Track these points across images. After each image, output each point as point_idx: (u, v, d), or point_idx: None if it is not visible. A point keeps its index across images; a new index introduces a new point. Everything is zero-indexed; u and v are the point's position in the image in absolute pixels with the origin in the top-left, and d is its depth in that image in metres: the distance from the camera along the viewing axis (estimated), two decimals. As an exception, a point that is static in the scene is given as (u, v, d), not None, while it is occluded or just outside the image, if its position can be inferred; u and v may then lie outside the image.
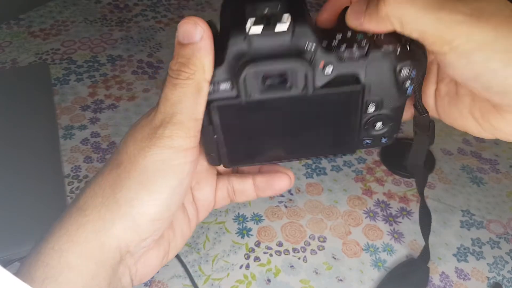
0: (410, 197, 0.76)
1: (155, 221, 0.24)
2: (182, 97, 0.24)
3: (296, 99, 0.26)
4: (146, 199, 0.23)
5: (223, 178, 0.31)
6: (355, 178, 0.79)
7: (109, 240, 0.23)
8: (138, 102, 0.94)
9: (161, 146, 0.24)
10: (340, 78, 0.26)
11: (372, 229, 0.71)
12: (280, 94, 0.26)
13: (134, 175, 0.24)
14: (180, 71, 0.24)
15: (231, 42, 0.25)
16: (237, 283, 0.63)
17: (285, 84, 0.26)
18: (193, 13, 1.25)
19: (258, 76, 0.25)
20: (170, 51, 1.09)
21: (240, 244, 0.68)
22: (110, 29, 1.17)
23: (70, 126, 0.87)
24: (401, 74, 0.25)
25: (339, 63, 0.25)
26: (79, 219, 0.23)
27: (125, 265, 0.24)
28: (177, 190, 0.24)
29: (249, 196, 0.31)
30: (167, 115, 0.24)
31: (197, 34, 0.24)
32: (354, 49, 0.25)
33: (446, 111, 0.27)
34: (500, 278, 0.64)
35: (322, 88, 0.26)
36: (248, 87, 0.25)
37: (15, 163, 0.78)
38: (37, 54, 1.06)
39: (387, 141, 0.28)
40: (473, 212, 0.74)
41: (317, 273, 0.64)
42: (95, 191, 0.24)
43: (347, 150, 0.29)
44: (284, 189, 0.30)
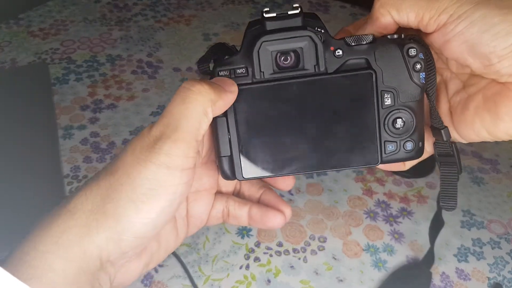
0: (410, 197, 0.76)
1: (139, 238, 0.24)
2: (188, 113, 0.24)
3: (310, 84, 0.26)
4: (133, 217, 0.23)
5: (221, 198, 0.31)
6: (356, 178, 0.79)
7: (91, 248, 0.23)
8: (137, 102, 0.94)
9: (158, 164, 0.23)
10: (352, 65, 0.26)
11: (373, 229, 0.71)
12: (292, 73, 0.26)
13: (126, 189, 0.23)
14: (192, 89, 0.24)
15: (248, 29, 0.26)
16: (237, 283, 0.63)
17: (298, 64, 0.26)
18: (192, 12, 1.24)
19: (271, 53, 0.26)
20: (169, 50, 1.09)
21: (240, 244, 0.68)
22: (110, 28, 1.17)
23: (69, 126, 0.87)
24: (409, 54, 0.26)
25: (348, 47, 0.26)
26: (66, 222, 0.23)
27: (105, 272, 0.24)
28: (166, 210, 0.24)
29: (241, 223, 0.31)
30: (168, 128, 0.24)
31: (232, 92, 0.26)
32: (361, 37, 0.26)
33: (461, 120, 0.27)
34: (501, 278, 0.64)
35: (335, 73, 0.26)
36: (262, 64, 0.26)
37: (15, 162, 0.78)
38: (36, 53, 1.06)
39: (413, 148, 0.27)
40: (473, 212, 0.74)
41: (317, 274, 0.64)
42: (86, 196, 0.24)
43: (370, 159, 0.28)
44: (276, 227, 0.30)
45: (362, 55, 0.26)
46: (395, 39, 0.26)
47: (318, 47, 0.26)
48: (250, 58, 0.26)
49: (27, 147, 0.82)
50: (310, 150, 0.28)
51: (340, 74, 0.26)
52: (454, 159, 0.28)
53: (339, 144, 0.27)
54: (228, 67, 0.27)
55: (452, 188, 0.29)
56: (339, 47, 0.26)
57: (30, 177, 0.75)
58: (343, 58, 0.26)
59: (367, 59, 0.26)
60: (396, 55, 0.26)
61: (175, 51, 1.08)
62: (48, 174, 0.77)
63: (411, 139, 0.27)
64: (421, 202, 0.75)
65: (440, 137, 0.27)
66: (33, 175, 0.76)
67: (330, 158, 0.28)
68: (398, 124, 0.27)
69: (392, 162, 0.28)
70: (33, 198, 0.70)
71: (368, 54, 0.26)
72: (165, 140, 0.23)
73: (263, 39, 0.26)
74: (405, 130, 0.27)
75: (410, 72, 0.26)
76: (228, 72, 0.27)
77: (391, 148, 0.27)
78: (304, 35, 0.26)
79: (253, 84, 0.27)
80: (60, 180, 0.76)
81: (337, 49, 0.26)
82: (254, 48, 0.26)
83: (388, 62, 0.26)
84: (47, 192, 0.73)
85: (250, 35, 0.26)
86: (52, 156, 0.80)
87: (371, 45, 0.26)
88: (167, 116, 0.24)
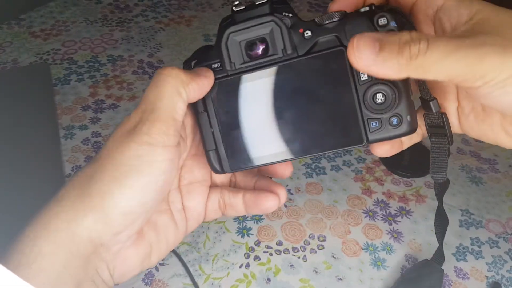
0: (409, 196, 0.77)
1: (126, 214, 0.24)
2: (161, 94, 0.25)
3: (282, 69, 0.26)
4: (116, 192, 0.24)
5: (215, 190, 0.31)
6: (355, 178, 0.80)
7: (79, 230, 0.23)
8: (138, 102, 0.94)
9: (138, 142, 0.24)
10: (323, 45, 0.26)
11: (372, 228, 0.71)
12: (262, 61, 0.27)
13: (108, 168, 0.24)
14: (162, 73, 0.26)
15: (220, 25, 0.27)
16: (237, 282, 0.63)
17: (267, 52, 0.26)
18: (193, 13, 1.25)
19: (239, 43, 0.26)
20: (170, 51, 1.09)
21: (240, 243, 0.68)
22: (111, 29, 1.17)
23: (71, 126, 0.88)
24: (379, 24, 0.24)
25: (317, 27, 0.26)
26: (53, 209, 0.24)
27: (100, 258, 0.25)
28: (151, 186, 0.25)
29: (239, 212, 0.31)
30: (146, 111, 0.25)
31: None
32: (331, 15, 0.26)
33: (474, 127, 0.27)
34: (499, 277, 0.65)
35: (305, 55, 0.26)
36: (232, 55, 0.27)
37: (16, 163, 0.78)
38: (38, 54, 1.06)
39: (399, 122, 0.25)
40: (472, 211, 0.74)
41: (316, 272, 0.65)
42: (73, 184, 0.25)
43: (354, 139, 0.26)
44: (270, 209, 0.29)
45: (332, 33, 0.25)
46: (366, 11, 0.25)
47: (283, 30, 0.25)
48: (221, 52, 0.27)
49: (28, 147, 0.82)
50: (293, 136, 0.27)
51: (311, 55, 0.26)
52: (444, 130, 0.27)
53: (321, 127, 0.27)
54: (204, 63, 0.28)
55: (442, 158, 0.28)
56: (308, 28, 0.26)
57: (31, 177, 0.76)
58: (313, 39, 0.26)
59: (337, 36, 0.25)
60: (366, 27, 0.25)
61: (176, 52, 1.09)
62: (50, 174, 0.78)
63: (395, 113, 0.26)
64: (419, 201, 0.76)
65: (429, 109, 0.26)
66: (34, 175, 0.76)
67: (314, 142, 0.27)
68: (378, 99, 0.25)
69: (382, 140, 0.26)
70: (35, 198, 0.70)
71: (338, 31, 0.25)
72: (144, 122, 0.25)
73: (229, 30, 0.26)
74: (387, 105, 0.25)
75: None
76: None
77: (376, 126, 0.26)
78: (268, 21, 0.26)
79: (228, 76, 0.27)
80: (61, 179, 0.77)
81: (306, 30, 0.26)
82: (222, 40, 0.26)
83: None
84: (49, 192, 0.73)
85: (221, 29, 0.27)
86: (54, 156, 0.81)
87: (341, 21, 0.25)
88: (144, 102, 0.26)
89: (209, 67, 0.28)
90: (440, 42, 0.20)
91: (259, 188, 0.31)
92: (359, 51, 0.21)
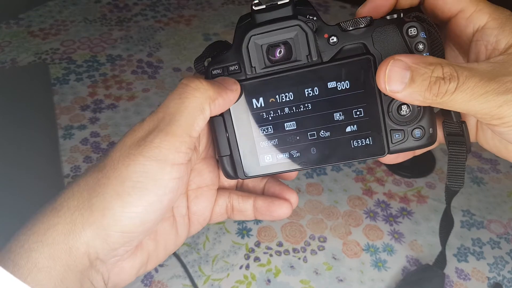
0: (410, 197, 0.76)
1: (126, 233, 0.23)
2: (184, 108, 0.23)
3: (304, 75, 0.25)
4: (118, 210, 0.22)
5: (224, 193, 0.30)
6: (355, 178, 0.79)
7: (77, 244, 0.22)
8: (137, 102, 0.94)
9: (147, 156, 0.23)
10: (348, 52, 0.25)
11: (372, 229, 0.71)
12: (285, 66, 0.25)
13: (112, 183, 0.23)
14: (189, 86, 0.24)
15: (239, 24, 0.25)
16: (237, 283, 0.63)
17: (289, 57, 0.25)
18: (192, 12, 1.24)
19: (261, 47, 0.25)
20: (169, 50, 1.09)
21: (240, 244, 0.68)
22: (110, 28, 1.17)
23: (69, 126, 0.87)
24: (409, 34, 0.24)
25: (343, 33, 0.24)
26: (51, 219, 0.23)
27: (96, 270, 0.24)
28: (155, 206, 0.23)
29: (247, 217, 0.30)
30: (162, 121, 0.23)
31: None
32: (357, 21, 0.24)
33: (489, 142, 0.27)
34: (501, 278, 0.64)
35: (330, 62, 0.25)
36: (252, 59, 0.25)
37: (15, 162, 0.78)
38: (36, 53, 1.06)
39: (422, 135, 0.25)
40: (473, 212, 0.74)
41: (317, 273, 0.64)
42: (73, 192, 0.23)
43: (376, 150, 0.26)
44: (283, 216, 0.29)
45: (358, 40, 0.24)
46: (394, 19, 0.24)
47: (309, 36, 0.24)
48: (240, 54, 0.25)
49: (27, 147, 0.82)
50: (312, 144, 0.26)
51: (336, 62, 0.25)
52: (463, 139, 0.27)
53: (342, 136, 0.26)
54: (221, 65, 0.26)
55: (460, 167, 0.28)
56: (333, 34, 0.24)
57: (30, 177, 0.75)
58: (339, 45, 0.24)
59: (364, 44, 0.24)
60: (395, 36, 0.24)
61: (175, 51, 1.09)
62: (49, 174, 0.77)
63: (419, 126, 0.25)
64: (421, 202, 0.75)
65: (450, 117, 0.26)
66: (33, 175, 0.76)
67: (333, 152, 0.26)
68: (403, 111, 0.25)
69: (402, 151, 0.26)
70: (34, 198, 0.70)
71: (365, 38, 0.24)
72: (157, 133, 0.23)
73: (251, 33, 0.24)
74: (412, 117, 0.25)
75: (412, 52, 0.24)
76: (221, 70, 0.26)
77: (398, 137, 0.25)
78: (293, 25, 0.24)
79: (247, 80, 0.26)
80: (60, 180, 0.76)
81: (332, 36, 0.24)
82: (243, 43, 0.25)
83: (387, 45, 0.24)
84: (48, 192, 0.73)
85: (240, 30, 0.25)
86: (52, 156, 0.80)
87: (368, 28, 0.24)
88: (162, 111, 0.24)
89: (225, 70, 0.26)
90: (468, 84, 0.21)
91: (269, 192, 0.30)
92: (389, 78, 0.22)
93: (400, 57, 0.22)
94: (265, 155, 0.27)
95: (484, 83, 0.21)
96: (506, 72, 0.21)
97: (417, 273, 0.62)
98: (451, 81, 0.21)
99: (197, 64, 0.27)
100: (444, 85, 0.21)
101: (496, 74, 0.21)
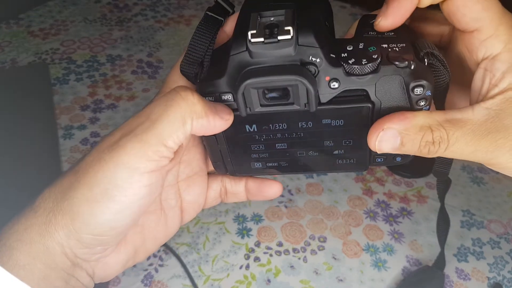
0: (410, 197, 0.76)
1: (98, 236, 0.23)
2: (165, 117, 0.23)
3: (300, 114, 0.25)
4: (87, 215, 0.22)
5: (216, 178, 0.31)
6: (355, 178, 0.79)
7: (53, 245, 0.23)
8: (137, 102, 0.94)
9: (116, 163, 0.22)
10: (348, 94, 0.24)
11: (373, 229, 0.71)
12: (281, 108, 0.24)
13: (82, 187, 0.22)
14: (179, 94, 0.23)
15: (232, 53, 0.23)
16: (237, 283, 0.63)
17: (287, 98, 0.24)
18: (192, 12, 1.24)
19: (258, 89, 0.24)
20: (169, 50, 1.09)
21: (240, 244, 0.68)
22: (110, 28, 1.17)
23: (69, 126, 0.87)
24: (414, 93, 0.23)
25: (346, 77, 0.23)
26: (28, 220, 0.23)
27: (79, 267, 0.24)
28: (124, 212, 0.23)
29: (240, 198, 0.31)
30: (141, 126, 0.23)
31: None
32: (364, 63, 0.22)
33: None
34: (501, 278, 0.64)
35: (328, 104, 0.24)
36: (248, 100, 0.24)
37: (15, 163, 0.78)
38: (36, 53, 1.06)
39: (402, 160, 0.27)
40: (473, 212, 0.74)
41: (317, 274, 0.64)
42: (50, 194, 0.24)
43: (359, 167, 0.28)
44: (274, 196, 0.30)
45: (361, 86, 0.23)
46: (403, 68, 0.22)
47: (309, 92, 0.23)
48: (235, 90, 0.24)
49: (27, 147, 0.82)
50: (301, 158, 0.28)
51: (334, 105, 0.24)
52: None
53: (329, 156, 0.27)
54: (213, 91, 0.24)
55: (447, 161, 0.30)
56: (335, 78, 0.23)
57: (30, 177, 0.75)
58: (339, 90, 0.23)
59: (366, 90, 0.23)
60: (399, 90, 0.23)
61: (175, 51, 1.08)
62: (49, 174, 0.77)
63: (401, 155, 0.27)
64: (421, 202, 0.75)
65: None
66: (33, 175, 0.76)
67: (319, 164, 0.28)
68: None
69: (380, 165, 0.29)
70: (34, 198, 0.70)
71: (368, 85, 0.23)
72: (130, 137, 0.22)
73: (247, 83, 0.23)
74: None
75: (413, 107, 0.24)
76: (213, 98, 0.25)
77: (380, 161, 0.27)
78: (295, 80, 0.22)
79: (238, 113, 0.25)
80: (60, 180, 0.76)
81: (333, 80, 0.23)
82: (238, 89, 0.23)
83: (389, 95, 0.23)
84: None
85: (234, 60, 0.23)
86: (53, 156, 0.80)
87: (374, 75, 0.23)
88: (145, 114, 0.23)
89: (218, 97, 0.25)
90: (458, 146, 0.22)
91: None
92: (380, 143, 0.23)
93: (391, 125, 0.23)
94: (255, 163, 0.29)
95: (475, 142, 0.22)
96: (500, 126, 0.21)
97: (417, 274, 0.62)
98: (440, 145, 0.22)
99: (186, 67, 0.26)
100: (433, 148, 0.22)
101: (489, 129, 0.21)
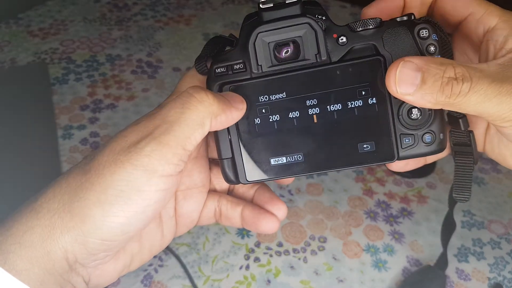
0: (410, 197, 0.76)
1: (106, 241, 0.22)
2: (183, 120, 0.22)
3: (312, 75, 0.24)
4: (99, 218, 0.22)
5: (214, 197, 0.29)
6: (356, 179, 0.79)
7: (55, 249, 0.22)
8: (137, 101, 0.94)
9: (135, 165, 0.22)
10: (358, 52, 0.24)
11: (373, 229, 0.71)
12: (293, 65, 0.24)
13: (95, 189, 0.22)
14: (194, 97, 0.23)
15: (245, 22, 0.24)
16: (237, 284, 0.62)
17: (298, 55, 0.24)
18: (192, 12, 1.24)
19: (268, 45, 0.24)
20: (169, 50, 1.09)
21: (240, 244, 0.68)
22: (109, 28, 1.16)
23: (69, 126, 0.87)
24: (420, 36, 0.23)
25: (352, 33, 0.24)
26: (29, 221, 0.22)
27: (76, 273, 0.23)
28: (138, 216, 0.22)
29: (234, 224, 0.29)
30: (158, 129, 0.22)
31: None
32: (367, 21, 0.24)
33: (495, 150, 0.27)
34: (501, 278, 0.64)
35: (339, 62, 0.24)
36: (259, 57, 0.24)
37: (14, 163, 0.78)
38: (35, 53, 1.06)
39: (433, 140, 0.25)
40: (474, 212, 0.74)
41: (317, 274, 0.64)
42: (54, 194, 0.23)
43: (385, 155, 0.25)
44: (268, 231, 0.28)
45: (368, 41, 0.24)
46: (404, 21, 0.24)
47: (318, 34, 0.24)
48: (246, 52, 0.24)
49: (26, 147, 0.81)
50: (318, 148, 0.25)
51: (345, 62, 0.24)
52: (471, 149, 0.27)
53: (350, 140, 0.25)
54: (225, 64, 0.25)
55: (467, 179, 0.28)
56: (342, 34, 0.24)
57: (29, 177, 0.75)
58: (348, 45, 0.24)
59: (374, 45, 0.24)
60: (406, 38, 0.23)
61: (175, 51, 1.08)
62: (48, 174, 0.77)
63: (430, 130, 0.25)
64: (421, 202, 0.75)
65: (458, 125, 0.26)
66: (32, 175, 0.76)
67: (341, 157, 0.25)
68: (414, 115, 0.24)
69: (412, 157, 0.25)
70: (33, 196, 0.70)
71: (375, 39, 0.24)
72: (149, 140, 0.22)
73: (258, 30, 0.24)
74: (422, 121, 0.24)
75: (424, 55, 0.24)
76: (225, 69, 0.25)
77: (408, 142, 0.25)
78: (302, 23, 0.23)
79: (252, 79, 0.25)
80: (59, 180, 0.76)
81: (341, 36, 0.24)
82: (249, 40, 0.24)
83: (398, 46, 0.24)
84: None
85: (246, 28, 0.25)
86: (52, 156, 0.80)
87: (378, 29, 0.24)
88: (160, 117, 0.23)
89: (230, 68, 0.25)
90: (481, 86, 0.20)
91: (258, 200, 0.29)
92: (400, 80, 0.21)
93: (410, 59, 0.21)
94: (270, 158, 0.26)
95: (497, 85, 0.20)
96: None
97: (418, 274, 0.61)
98: (464, 81, 0.20)
99: (198, 64, 0.26)
100: (457, 85, 0.20)
101: (507, 75, 0.21)
